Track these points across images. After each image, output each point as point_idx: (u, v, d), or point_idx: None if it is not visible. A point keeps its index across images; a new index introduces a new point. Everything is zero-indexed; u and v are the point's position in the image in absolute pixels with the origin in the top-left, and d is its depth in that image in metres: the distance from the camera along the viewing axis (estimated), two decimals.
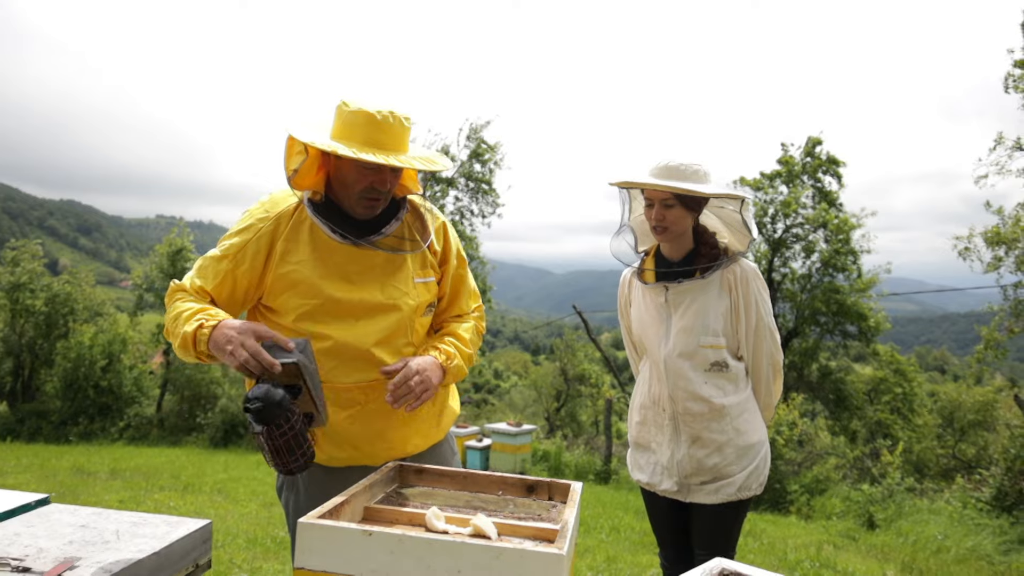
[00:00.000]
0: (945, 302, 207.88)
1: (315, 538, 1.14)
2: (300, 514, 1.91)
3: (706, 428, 2.36)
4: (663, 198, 2.33)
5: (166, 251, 18.50)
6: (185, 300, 1.83)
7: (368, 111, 1.79)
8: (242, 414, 15.44)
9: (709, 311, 2.34)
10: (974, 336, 12.92)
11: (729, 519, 2.40)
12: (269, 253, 1.89)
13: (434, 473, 1.68)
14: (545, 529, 1.36)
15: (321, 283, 1.88)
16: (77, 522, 1.74)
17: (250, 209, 1.96)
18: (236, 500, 7.82)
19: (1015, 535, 8.13)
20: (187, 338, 1.71)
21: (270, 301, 1.91)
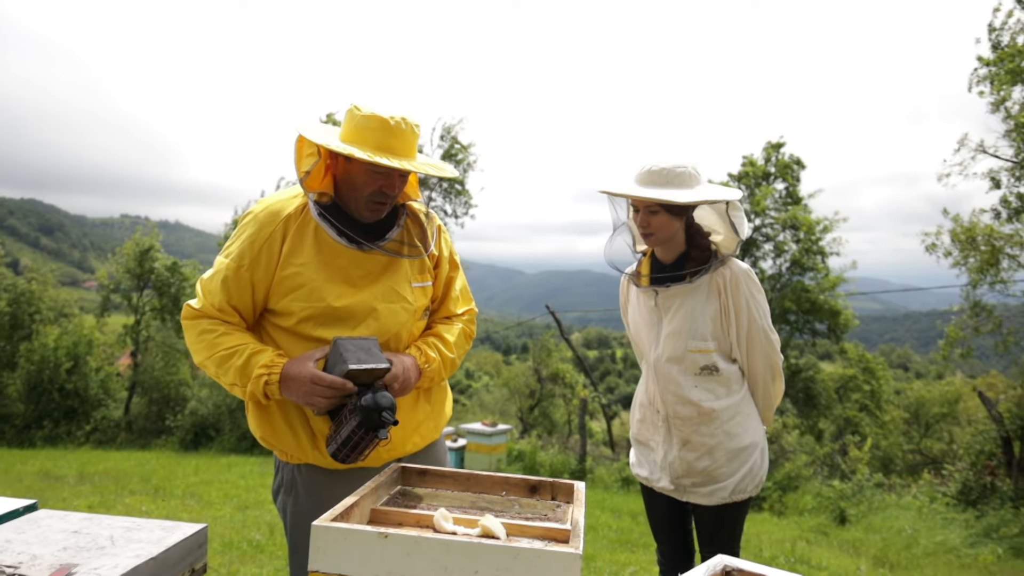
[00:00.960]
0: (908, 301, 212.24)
1: (330, 541, 1.12)
2: (300, 517, 1.88)
3: (695, 431, 2.36)
4: (647, 205, 2.32)
5: (133, 251, 18.18)
6: (216, 328, 1.85)
7: (382, 116, 1.81)
8: (212, 417, 15.25)
9: (697, 315, 2.33)
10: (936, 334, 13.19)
11: (728, 520, 2.40)
12: (279, 256, 1.88)
13: (437, 474, 1.67)
14: (554, 529, 1.36)
15: (325, 286, 1.87)
16: (69, 528, 1.70)
17: (253, 212, 1.92)
18: (209, 503, 7.72)
19: (980, 528, 8.31)
20: (253, 394, 1.78)
21: (272, 304, 1.89)
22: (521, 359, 35.13)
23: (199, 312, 1.88)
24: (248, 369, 1.76)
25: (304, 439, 1.88)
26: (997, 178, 9.63)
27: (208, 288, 1.88)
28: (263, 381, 1.74)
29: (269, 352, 1.80)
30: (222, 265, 1.88)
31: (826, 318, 17.82)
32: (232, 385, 1.80)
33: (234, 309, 1.88)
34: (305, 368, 1.71)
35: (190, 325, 1.88)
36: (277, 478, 2.00)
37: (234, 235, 1.92)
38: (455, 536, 1.16)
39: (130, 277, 18.34)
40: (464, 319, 2.18)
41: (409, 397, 1.97)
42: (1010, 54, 9.27)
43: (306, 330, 1.86)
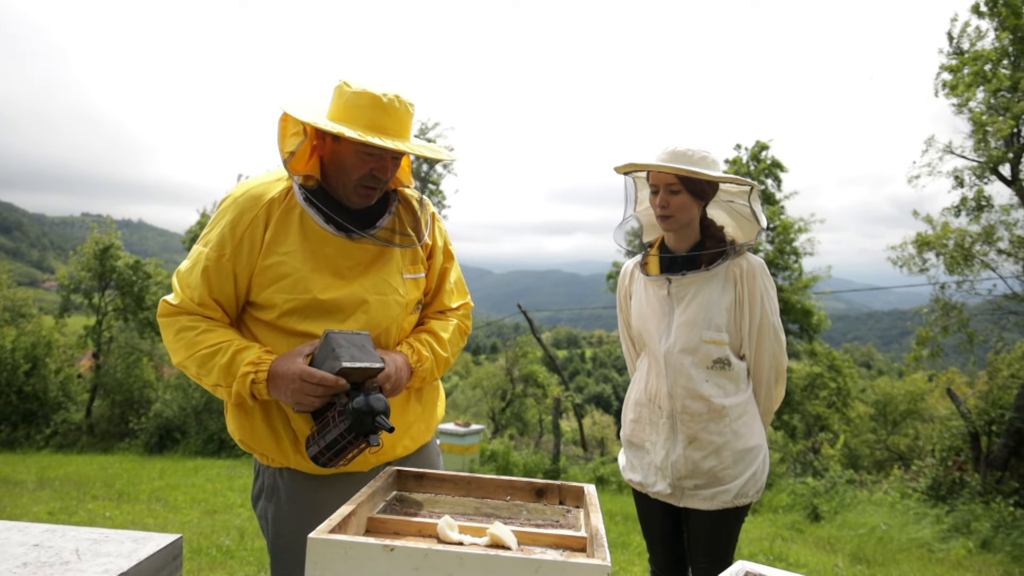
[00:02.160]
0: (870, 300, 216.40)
1: (328, 555, 1.01)
2: (283, 524, 1.75)
3: (704, 429, 2.26)
4: (668, 183, 2.23)
5: (93, 249, 17.68)
6: (197, 324, 1.70)
7: (374, 93, 1.67)
8: (178, 419, 14.90)
9: (713, 305, 2.24)
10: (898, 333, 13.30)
11: (727, 526, 2.30)
12: (262, 243, 1.73)
13: (434, 478, 1.56)
14: (568, 537, 1.25)
15: (310, 277, 1.73)
16: (28, 541, 1.55)
17: (233, 196, 1.76)
18: (176, 508, 7.50)
19: (951, 523, 8.40)
20: (239, 394, 1.65)
21: (254, 295, 1.75)
22: (491, 359, 35.01)
23: (177, 308, 1.73)
24: (233, 367, 1.63)
25: (286, 442, 1.75)
26: (961, 177, 9.76)
27: (186, 281, 1.73)
28: (249, 380, 1.62)
29: (255, 348, 1.66)
30: (201, 255, 1.73)
31: (799, 318, 17.99)
32: (216, 386, 1.67)
33: (216, 303, 1.73)
34: (294, 364, 1.59)
35: (168, 323, 1.73)
36: (257, 483, 1.87)
37: (212, 221, 1.77)
38: (468, 548, 1.05)
39: (91, 276, 17.81)
40: (459, 314, 2.06)
41: (399, 397, 1.84)
42: (972, 59, 9.40)
43: (289, 324, 1.72)
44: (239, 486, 9.17)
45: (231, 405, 1.80)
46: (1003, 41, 8.90)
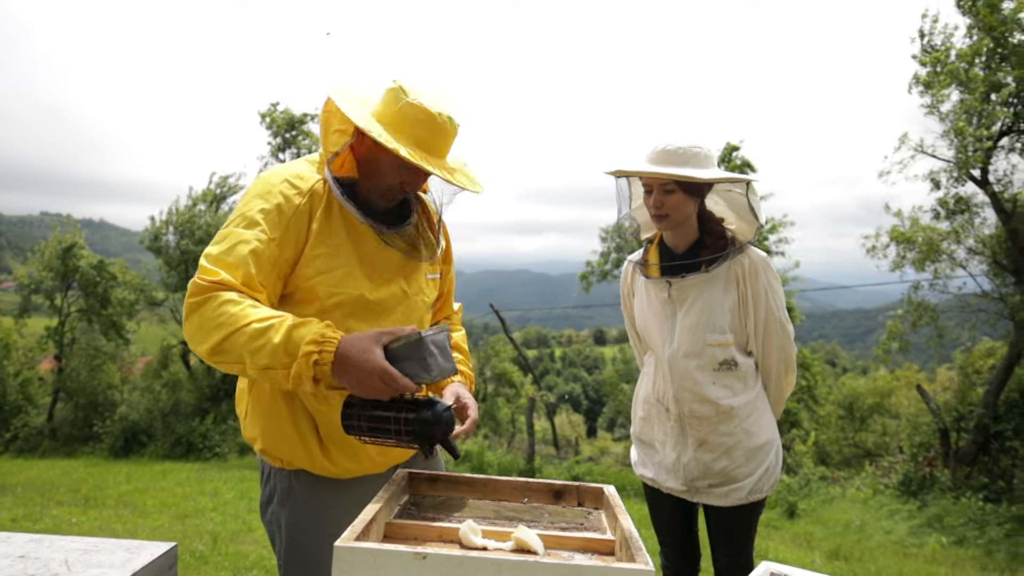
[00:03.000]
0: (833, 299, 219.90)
1: (356, 564, 0.94)
2: (297, 529, 1.67)
3: (713, 431, 2.22)
4: (662, 183, 2.18)
5: (55, 249, 17.22)
6: (242, 300, 1.49)
7: (430, 110, 1.62)
8: (144, 422, 14.59)
9: (716, 307, 2.19)
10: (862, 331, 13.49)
11: (745, 520, 2.28)
12: (307, 233, 1.63)
13: (448, 480, 1.49)
14: (595, 540, 1.20)
15: (356, 273, 1.67)
16: (13, 552, 1.46)
17: (271, 182, 1.66)
18: (145, 513, 7.31)
19: (924, 519, 8.53)
20: (298, 377, 1.42)
21: (291, 287, 1.65)
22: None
23: (218, 284, 1.50)
24: (291, 346, 1.41)
25: (313, 445, 1.66)
26: (937, 179, 9.88)
27: (227, 261, 1.54)
28: (312, 360, 1.40)
29: (315, 324, 1.45)
30: (244, 235, 1.57)
31: None
32: (266, 368, 1.42)
33: (261, 287, 1.57)
34: (373, 355, 1.40)
35: (203, 300, 1.48)
36: (267, 488, 1.76)
37: (247, 205, 1.63)
38: (506, 555, 0.99)
39: (53, 276, 17.35)
40: (458, 319, 2.04)
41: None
42: (944, 56, 9.52)
43: (333, 320, 1.61)
44: (209, 490, 8.98)
45: (255, 405, 1.68)
46: (982, 41, 9.01)
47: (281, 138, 15.52)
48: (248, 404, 1.70)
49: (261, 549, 5.72)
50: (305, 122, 15.54)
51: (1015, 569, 6.87)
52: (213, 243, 1.59)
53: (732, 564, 2.30)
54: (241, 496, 8.55)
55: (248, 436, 1.72)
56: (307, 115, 15.61)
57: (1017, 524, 7.96)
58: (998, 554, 7.31)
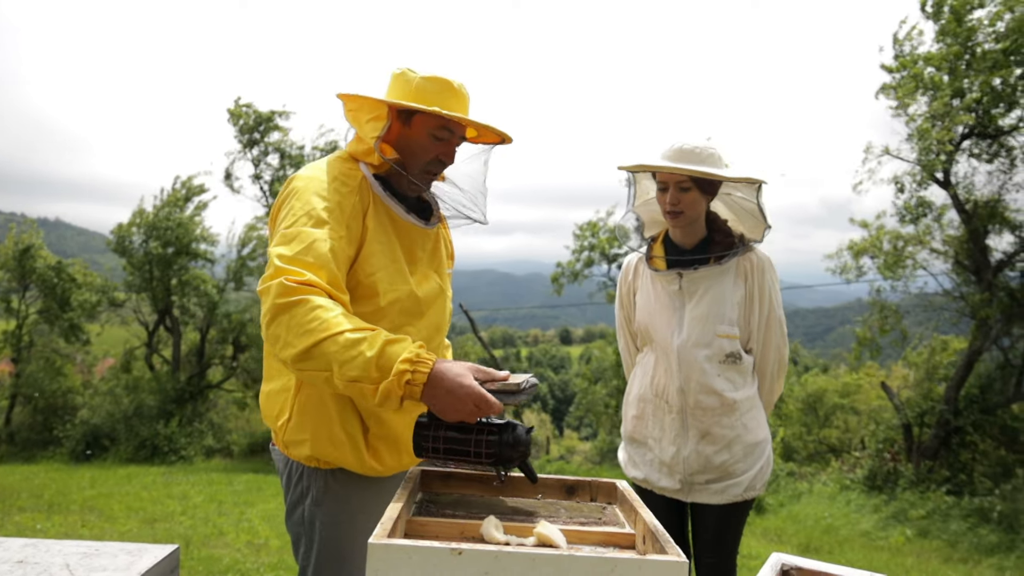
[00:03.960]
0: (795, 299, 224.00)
1: (391, 561, 0.93)
2: (331, 528, 1.65)
3: (716, 423, 2.24)
4: (679, 181, 2.21)
5: (12, 250, 16.76)
6: (335, 306, 1.44)
7: (446, 79, 1.69)
8: (106, 425, 14.28)
9: (725, 299, 2.23)
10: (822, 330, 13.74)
11: (734, 520, 2.29)
12: (363, 228, 1.64)
13: (461, 478, 1.48)
14: (616, 534, 1.20)
15: (404, 269, 1.68)
16: (10, 557, 1.42)
17: (322, 180, 1.64)
18: (112, 518, 7.15)
19: (889, 512, 8.73)
20: (388, 393, 1.37)
21: (351, 286, 1.62)
22: None
23: (306, 284, 1.45)
24: (384, 361, 1.37)
25: (361, 445, 1.64)
26: (901, 182, 10.10)
27: (309, 261, 1.49)
28: (405, 379, 1.36)
29: (408, 343, 1.42)
30: (318, 235, 1.52)
31: None
32: (354, 381, 1.38)
33: (345, 288, 1.54)
34: (469, 380, 1.37)
35: (294, 303, 1.42)
36: (297, 489, 1.70)
37: (308, 204, 1.59)
38: (540, 549, 0.99)
39: (10, 278, 16.88)
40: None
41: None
42: (911, 61, 9.73)
43: (388, 317, 1.63)
44: (177, 493, 8.83)
45: (305, 411, 1.64)
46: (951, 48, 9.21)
47: (249, 136, 15.27)
48: (294, 408, 1.65)
49: (234, 553, 5.64)
50: (273, 119, 15.31)
51: (977, 560, 7.06)
52: (282, 243, 1.53)
53: (717, 566, 2.30)
54: (210, 499, 8.42)
55: (292, 439, 1.65)
56: (275, 112, 15.39)
57: (978, 516, 8.19)
58: (961, 545, 7.51)
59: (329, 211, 1.57)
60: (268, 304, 1.44)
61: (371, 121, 1.67)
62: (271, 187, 15.55)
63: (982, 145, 9.83)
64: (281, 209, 1.64)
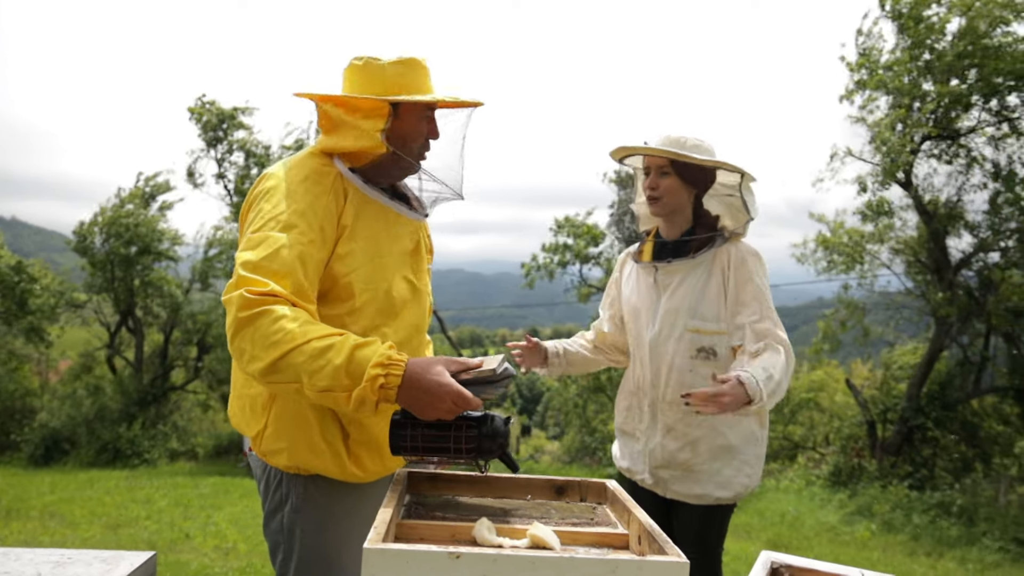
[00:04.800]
0: None
1: (388, 565, 0.90)
2: (316, 535, 1.60)
3: (681, 420, 2.21)
4: (660, 165, 2.22)
5: None
6: (299, 315, 1.40)
7: (412, 58, 1.67)
8: (66, 429, 13.95)
9: (697, 292, 2.20)
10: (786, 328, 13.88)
11: (712, 521, 2.24)
12: (336, 230, 1.58)
13: (448, 479, 1.46)
14: (609, 534, 1.19)
15: (381, 267, 1.62)
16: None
17: (293, 180, 1.58)
18: (73, 524, 6.98)
19: (854, 507, 8.88)
20: (361, 400, 1.34)
21: (325, 287, 1.57)
22: None
23: (269, 295, 1.40)
24: (354, 367, 1.33)
25: (342, 453, 1.59)
26: (864, 183, 10.27)
27: (273, 268, 1.44)
28: (379, 384, 1.33)
29: (377, 345, 1.38)
30: (284, 240, 1.47)
31: None
32: (325, 391, 1.34)
33: (311, 297, 1.49)
34: (443, 377, 1.35)
35: (256, 315, 1.37)
36: (276, 495, 1.64)
37: (277, 207, 1.53)
38: (540, 552, 0.97)
39: None
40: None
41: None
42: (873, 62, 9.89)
43: (364, 317, 1.58)
44: (141, 497, 8.66)
45: (281, 420, 1.58)
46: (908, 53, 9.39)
47: (212, 133, 15.00)
48: (270, 417, 1.59)
49: (202, 558, 5.54)
50: (236, 116, 15.06)
51: (941, 553, 7.22)
52: (247, 249, 1.48)
53: (699, 564, 2.27)
54: (176, 503, 8.27)
55: (270, 449, 1.60)
56: (238, 109, 15.14)
57: (940, 510, 8.38)
58: (924, 539, 7.67)
59: (300, 213, 1.52)
60: (231, 318, 1.41)
61: (369, 119, 1.62)
62: (236, 186, 15.30)
63: (941, 147, 10.04)
64: (251, 209, 1.59)
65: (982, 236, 9.96)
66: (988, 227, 9.87)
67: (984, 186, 9.90)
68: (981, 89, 9.25)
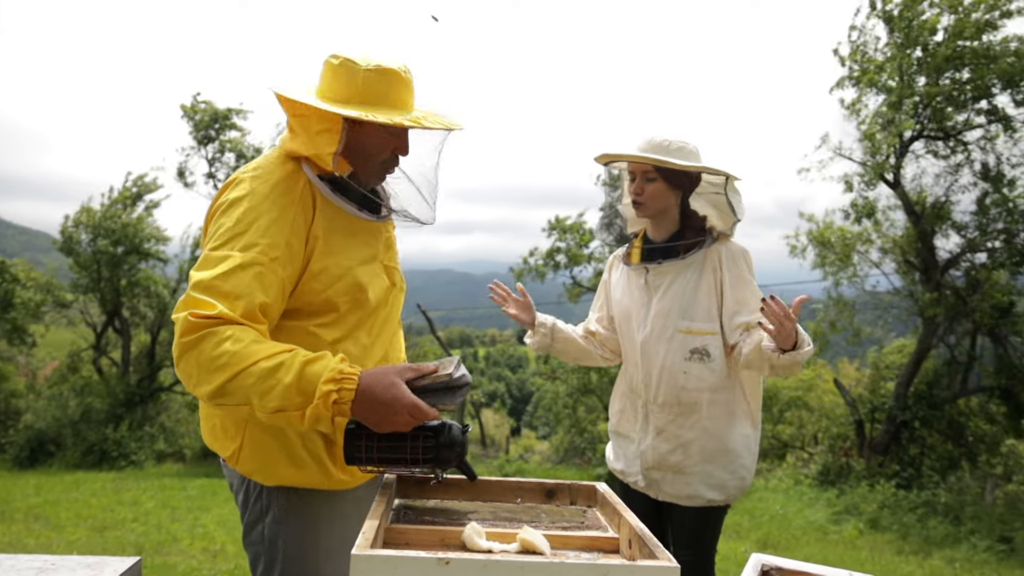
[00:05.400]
0: None
1: (376, 572, 0.89)
2: (298, 546, 1.56)
3: (672, 422, 2.21)
4: (644, 170, 2.22)
5: None
6: (244, 335, 1.35)
7: (394, 69, 1.54)
8: (52, 430, 13.84)
9: (688, 293, 2.20)
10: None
11: (706, 523, 2.25)
12: (306, 243, 1.51)
13: (438, 483, 1.45)
14: (600, 538, 1.18)
15: (358, 273, 1.56)
16: None
17: (257, 192, 1.49)
18: (59, 527, 6.92)
19: (842, 506, 8.92)
20: (315, 418, 1.31)
21: (298, 303, 1.52)
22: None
23: (216, 319, 1.35)
24: (305, 384, 1.30)
25: (327, 463, 1.56)
26: (851, 181, 10.32)
27: (226, 289, 1.38)
28: (332, 400, 1.30)
29: (328, 359, 1.35)
30: (243, 259, 1.40)
31: None
32: (277, 411, 1.31)
33: (262, 315, 1.42)
34: (401, 390, 1.32)
35: (199, 339, 1.33)
36: (256, 507, 1.59)
37: (239, 223, 1.46)
38: (528, 557, 0.96)
39: None
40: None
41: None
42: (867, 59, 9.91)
43: (346, 325, 1.55)
44: (128, 499, 8.59)
45: (256, 438, 1.53)
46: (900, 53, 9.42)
47: (204, 132, 14.88)
48: (245, 437, 1.54)
49: (190, 560, 5.50)
50: (229, 117, 14.95)
51: (928, 552, 7.26)
52: (202, 267, 1.42)
53: (692, 566, 2.26)
54: (163, 505, 8.21)
55: (248, 469, 1.57)
56: (232, 110, 15.03)
57: (927, 509, 8.43)
58: (912, 537, 7.71)
59: (263, 229, 1.45)
60: (175, 341, 1.37)
61: (322, 133, 1.53)
62: None
63: (931, 146, 10.08)
64: (213, 221, 1.52)
65: (970, 236, 10.03)
66: (976, 227, 9.93)
67: (974, 185, 9.97)
68: (972, 91, 9.31)
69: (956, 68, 9.23)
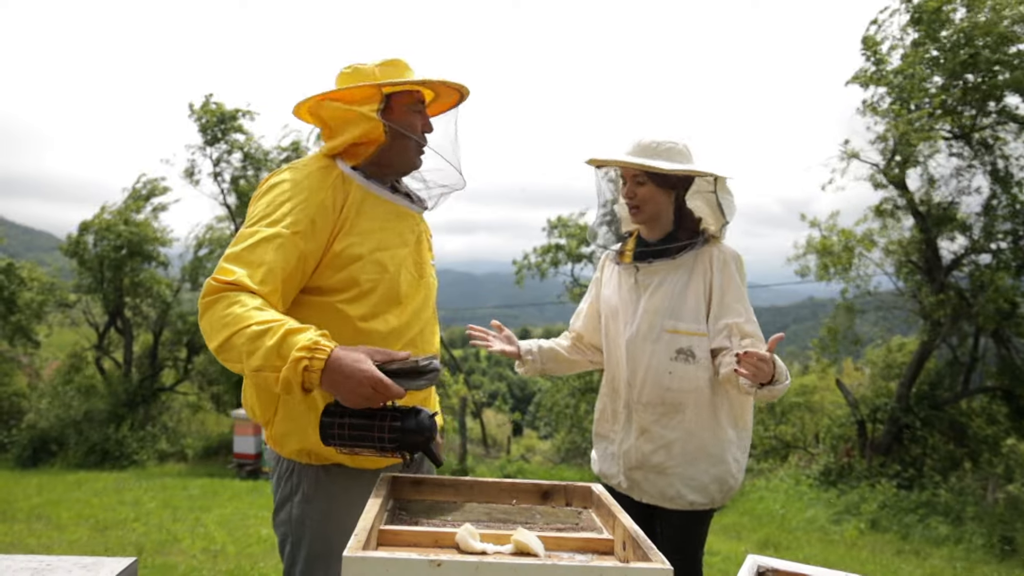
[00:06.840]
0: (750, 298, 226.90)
1: (368, 574, 0.89)
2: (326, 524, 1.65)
3: (656, 422, 2.20)
4: (634, 175, 2.22)
5: None
6: (250, 301, 1.49)
7: (396, 58, 1.79)
8: (55, 430, 13.85)
9: (677, 294, 2.20)
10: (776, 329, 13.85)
11: (692, 527, 2.24)
12: (334, 224, 1.67)
13: (432, 483, 1.45)
14: (594, 539, 1.18)
15: (386, 260, 1.70)
16: None
17: (291, 180, 1.68)
18: (60, 526, 6.94)
19: (842, 506, 8.91)
20: (287, 381, 1.40)
21: (322, 280, 1.66)
22: None
23: (232, 284, 1.51)
24: (283, 350, 1.41)
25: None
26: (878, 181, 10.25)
27: (249, 259, 1.55)
28: (302, 367, 1.39)
29: (310, 331, 1.45)
30: (268, 233, 1.57)
31: None
32: (257, 370, 1.43)
33: (278, 286, 1.57)
34: (365, 364, 1.40)
35: (214, 300, 1.50)
36: (287, 486, 1.70)
37: (271, 204, 1.64)
38: (521, 559, 0.96)
39: None
40: None
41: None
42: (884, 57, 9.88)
43: (367, 307, 1.67)
44: (130, 499, 8.60)
45: (294, 407, 1.66)
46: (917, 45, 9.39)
47: (211, 132, 14.84)
48: (279, 402, 1.67)
49: (190, 560, 5.51)
50: (237, 118, 14.93)
51: (928, 552, 7.25)
52: (235, 242, 1.59)
53: (679, 567, 2.25)
54: (164, 505, 8.22)
55: (280, 433, 1.68)
56: (239, 111, 15.00)
57: (927, 509, 8.42)
58: (913, 537, 7.70)
59: (291, 207, 1.61)
60: (199, 302, 1.54)
61: (365, 104, 1.72)
62: (232, 186, 15.19)
63: (957, 145, 10.05)
64: (252, 203, 1.70)
65: (975, 237, 10.00)
66: (981, 228, 9.91)
67: (979, 190, 9.98)
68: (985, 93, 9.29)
69: (973, 72, 9.19)
